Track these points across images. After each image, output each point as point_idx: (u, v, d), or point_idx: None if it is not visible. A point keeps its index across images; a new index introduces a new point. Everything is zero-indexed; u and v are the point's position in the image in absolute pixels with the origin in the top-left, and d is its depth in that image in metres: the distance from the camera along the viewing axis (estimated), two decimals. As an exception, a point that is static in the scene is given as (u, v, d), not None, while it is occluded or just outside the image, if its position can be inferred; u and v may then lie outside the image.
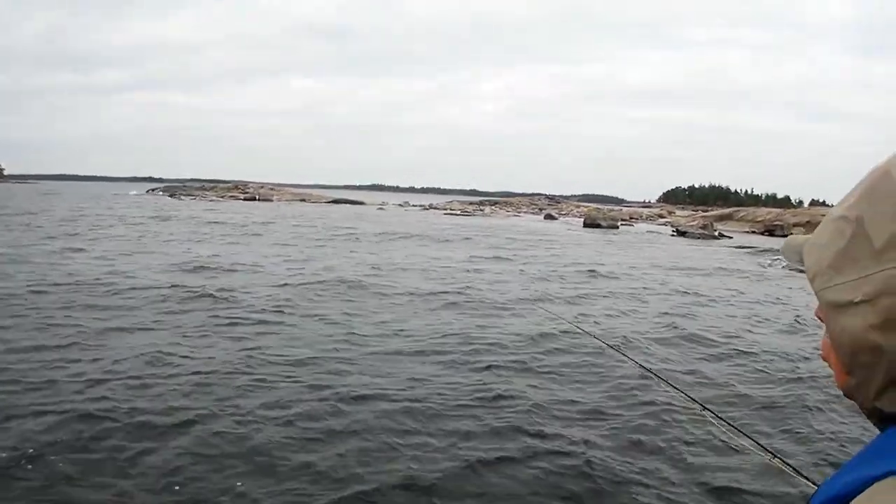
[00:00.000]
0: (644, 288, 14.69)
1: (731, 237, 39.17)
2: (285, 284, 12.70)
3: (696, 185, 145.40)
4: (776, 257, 23.97)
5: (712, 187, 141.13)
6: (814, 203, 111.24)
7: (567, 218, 59.13)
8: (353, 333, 8.72)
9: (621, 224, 49.22)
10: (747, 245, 31.53)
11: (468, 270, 16.36)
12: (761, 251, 27.24)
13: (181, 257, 16.25)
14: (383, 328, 9.22)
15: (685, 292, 14.32)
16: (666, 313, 11.42)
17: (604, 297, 13.22)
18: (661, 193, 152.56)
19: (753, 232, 46.37)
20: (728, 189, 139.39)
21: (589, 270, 17.39)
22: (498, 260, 19.47)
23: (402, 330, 9.14)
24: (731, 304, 13.16)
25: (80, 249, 17.08)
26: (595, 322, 10.26)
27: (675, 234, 40.96)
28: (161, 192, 76.77)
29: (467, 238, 28.45)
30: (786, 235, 41.94)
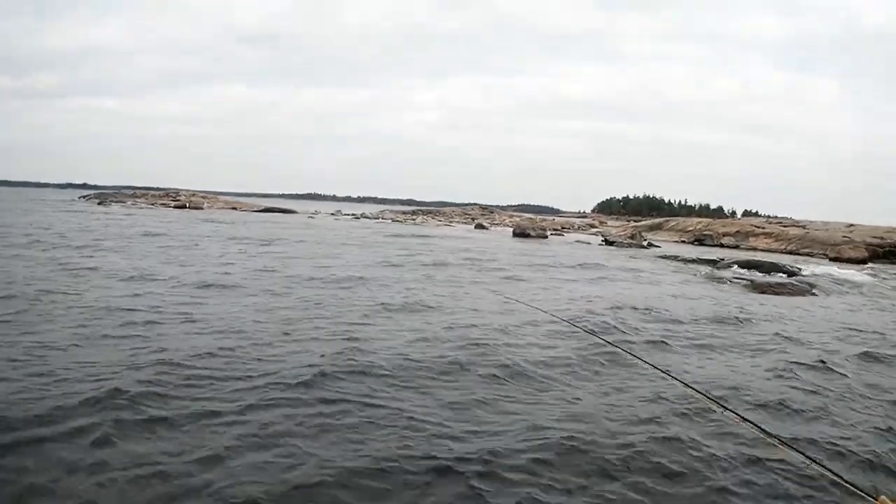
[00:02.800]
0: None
1: (659, 246, 38.25)
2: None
3: (631, 196, 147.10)
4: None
5: (646, 198, 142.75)
6: (746, 213, 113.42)
7: (499, 228, 57.83)
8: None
9: (551, 234, 48.15)
10: (671, 255, 30.45)
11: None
12: (668, 257, 26.31)
13: None
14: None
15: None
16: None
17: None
18: (595, 204, 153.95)
19: (683, 241, 45.84)
20: (662, 200, 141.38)
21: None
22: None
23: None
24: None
25: None
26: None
27: (603, 243, 39.91)
28: (90, 199, 71.93)
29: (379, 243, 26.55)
30: (715, 245, 42.13)
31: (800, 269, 24.64)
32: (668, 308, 13.22)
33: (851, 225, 42.50)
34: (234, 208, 68.84)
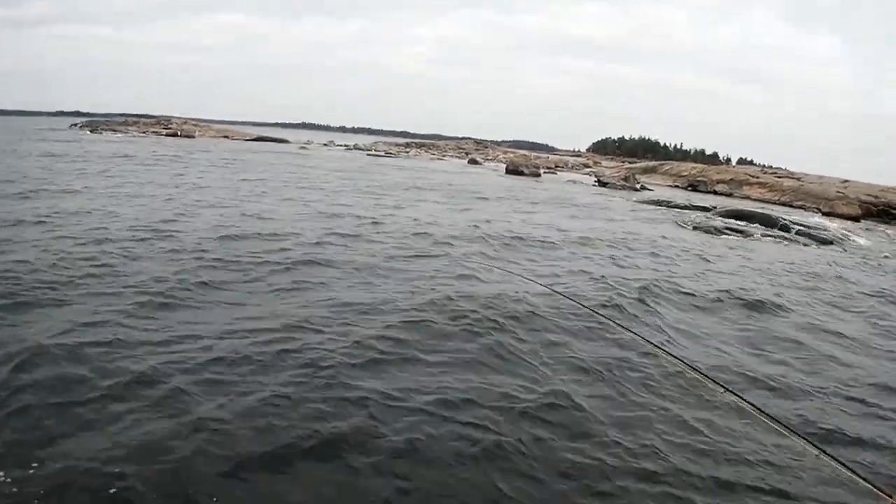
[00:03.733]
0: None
1: (652, 190, 37.85)
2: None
3: (626, 137, 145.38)
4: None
5: (642, 140, 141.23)
6: (741, 161, 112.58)
7: (493, 163, 57.12)
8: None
9: (545, 172, 47.61)
10: (664, 199, 30.06)
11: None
12: (662, 203, 25.98)
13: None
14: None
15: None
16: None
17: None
18: (591, 143, 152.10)
19: (677, 186, 45.41)
20: (657, 142, 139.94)
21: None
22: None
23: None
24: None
25: None
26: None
27: (597, 184, 39.47)
28: (82, 127, 69.85)
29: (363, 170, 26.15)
30: (709, 191, 41.76)
31: (792, 224, 24.35)
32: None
33: (846, 181, 42.09)
34: (226, 136, 67.69)
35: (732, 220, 22.91)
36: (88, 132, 58.46)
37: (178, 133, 62.40)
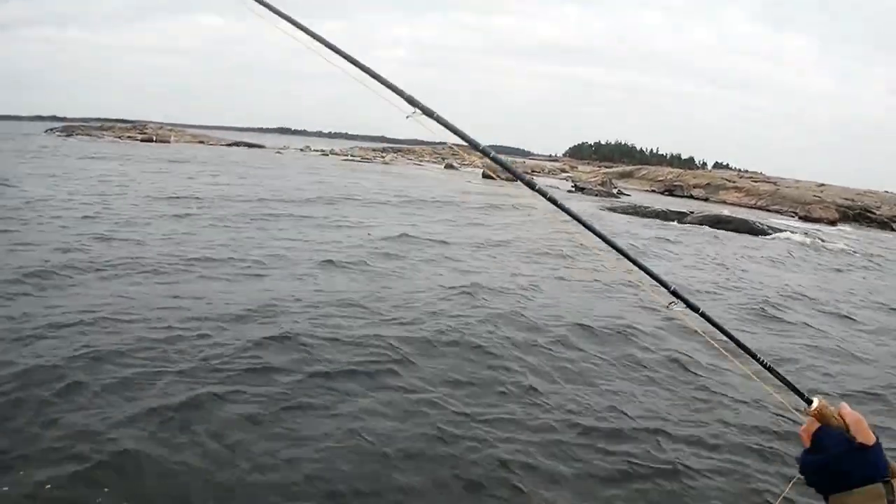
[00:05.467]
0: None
1: (629, 195, 37.54)
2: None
3: (603, 142, 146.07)
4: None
5: (618, 144, 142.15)
6: (717, 165, 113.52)
7: (469, 168, 56.67)
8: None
9: (521, 177, 47.14)
10: (642, 205, 29.71)
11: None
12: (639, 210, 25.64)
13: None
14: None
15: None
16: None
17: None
18: (567, 148, 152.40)
19: (654, 191, 45.27)
20: (633, 147, 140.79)
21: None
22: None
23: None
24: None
25: None
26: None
27: (573, 189, 39.09)
28: (58, 133, 68.12)
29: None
30: (685, 196, 41.58)
31: (769, 228, 24.11)
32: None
33: (822, 185, 42.26)
34: (202, 142, 66.82)
35: (707, 227, 22.56)
36: (63, 137, 57.26)
37: (154, 139, 61.47)
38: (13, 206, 12.69)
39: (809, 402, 0.97)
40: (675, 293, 1.26)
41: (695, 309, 1.27)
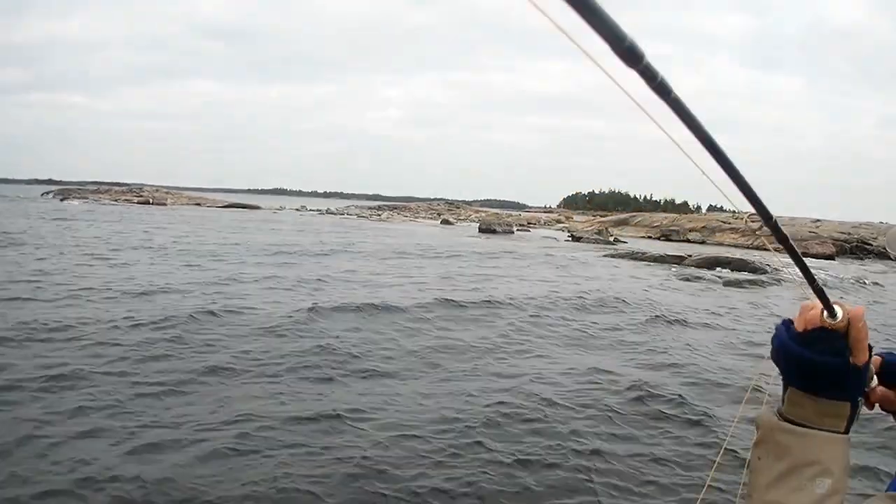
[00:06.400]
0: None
1: (625, 242, 37.59)
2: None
3: (596, 191, 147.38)
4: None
5: (612, 193, 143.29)
6: (711, 208, 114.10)
7: (465, 223, 56.96)
8: None
9: (517, 229, 47.38)
10: (639, 251, 29.70)
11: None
12: (636, 256, 25.60)
13: None
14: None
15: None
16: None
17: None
18: (561, 199, 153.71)
19: (650, 237, 45.34)
20: (627, 195, 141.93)
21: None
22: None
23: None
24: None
25: None
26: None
27: (570, 239, 39.18)
28: (52, 196, 68.89)
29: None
30: (682, 240, 41.64)
31: (768, 266, 23.99)
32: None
33: (817, 220, 42.43)
34: (198, 204, 67.30)
35: (705, 270, 22.48)
36: (60, 201, 57.66)
37: (150, 201, 62.02)
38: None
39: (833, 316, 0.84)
40: None
41: None
